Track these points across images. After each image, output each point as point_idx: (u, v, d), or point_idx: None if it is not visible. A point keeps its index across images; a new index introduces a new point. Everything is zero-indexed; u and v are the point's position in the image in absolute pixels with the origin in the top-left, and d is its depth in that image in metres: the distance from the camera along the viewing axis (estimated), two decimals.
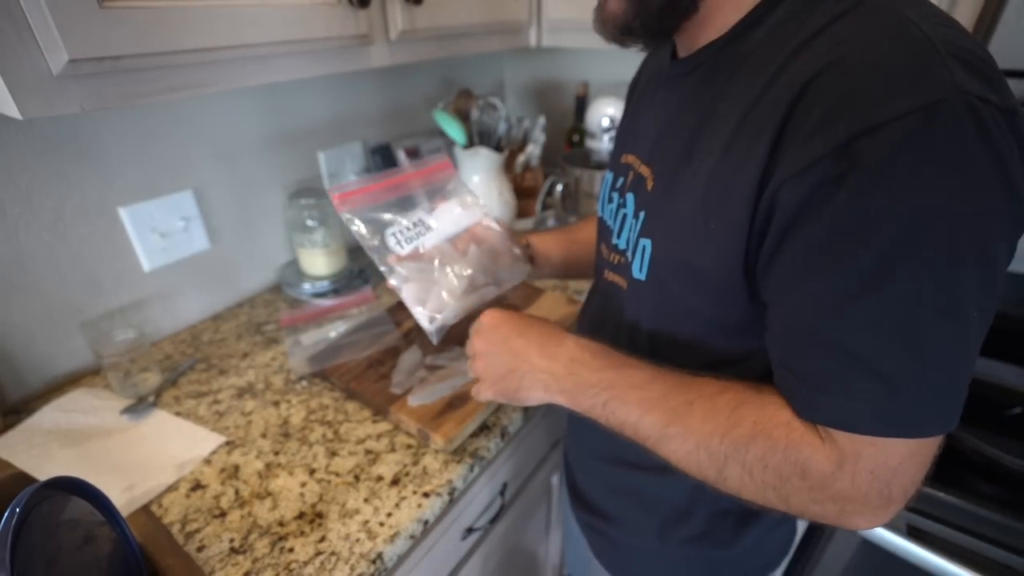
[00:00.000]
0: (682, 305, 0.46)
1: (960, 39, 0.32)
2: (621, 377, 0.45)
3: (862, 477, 0.35)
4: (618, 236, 0.52)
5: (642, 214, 0.48)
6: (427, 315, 0.55)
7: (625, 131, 0.59)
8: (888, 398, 0.34)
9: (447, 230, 0.60)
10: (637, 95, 0.58)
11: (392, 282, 0.56)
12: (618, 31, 0.44)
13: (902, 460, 0.35)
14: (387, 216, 0.59)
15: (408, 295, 0.56)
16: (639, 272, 0.48)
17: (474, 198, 0.64)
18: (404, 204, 0.61)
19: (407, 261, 0.57)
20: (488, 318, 0.53)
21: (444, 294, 0.55)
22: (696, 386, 0.42)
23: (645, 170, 0.48)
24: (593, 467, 0.62)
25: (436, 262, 0.57)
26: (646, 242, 0.47)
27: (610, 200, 0.55)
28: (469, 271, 0.56)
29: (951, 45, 0.32)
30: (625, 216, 0.50)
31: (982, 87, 0.31)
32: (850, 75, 0.32)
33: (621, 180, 0.53)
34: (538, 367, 0.49)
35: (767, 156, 0.35)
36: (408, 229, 0.59)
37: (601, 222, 0.59)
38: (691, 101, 0.44)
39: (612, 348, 0.48)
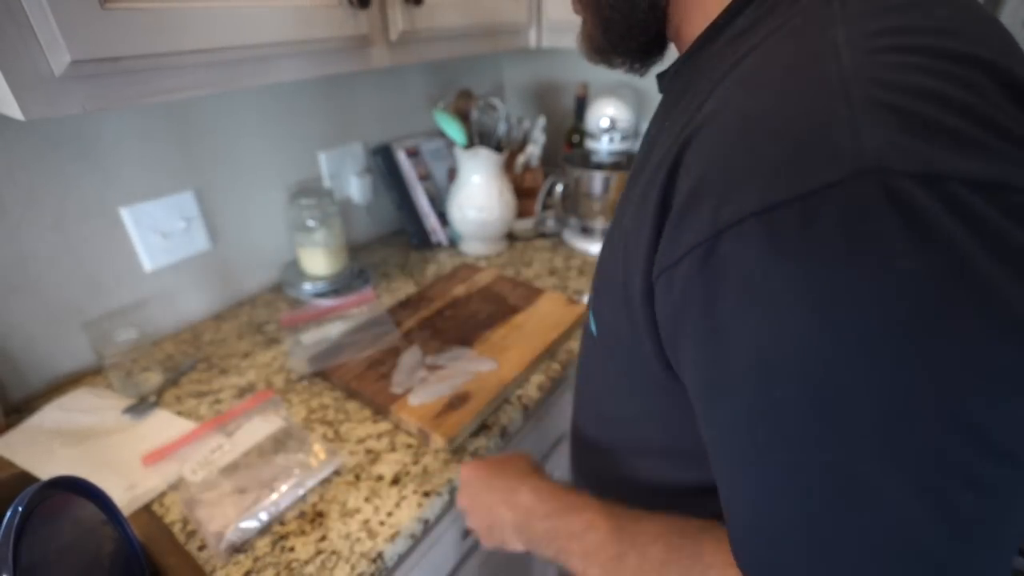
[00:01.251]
0: (619, 376, 0.41)
1: (918, 73, 0.21)
2: (563, 525, 0.43)
3: None
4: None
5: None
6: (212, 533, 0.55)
7: None
8: (765, 556, 0.28)
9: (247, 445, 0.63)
10: None
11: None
12: (594, 52, 0.42)
13: None
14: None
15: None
16: (592, 324, 0.42)
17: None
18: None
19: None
20: (464, 473, 0.55)
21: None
22: (631, 533, 0.38)
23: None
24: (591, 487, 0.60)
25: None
26: (592, 294, 0.42)
27: None
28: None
29: (888, 86, 0.21)
30: None
31: (931, 151, 0.20)
32: (726, 138, 0.24)
33: None
34: (506, 521, 0.49)
35: (653, 226, 0.29)
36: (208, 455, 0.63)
37: None
38: (654, 127, 0.40)
39: (564, 487, 0.46)
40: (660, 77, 0.42)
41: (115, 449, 0.66)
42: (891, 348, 0.21)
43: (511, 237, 1.22)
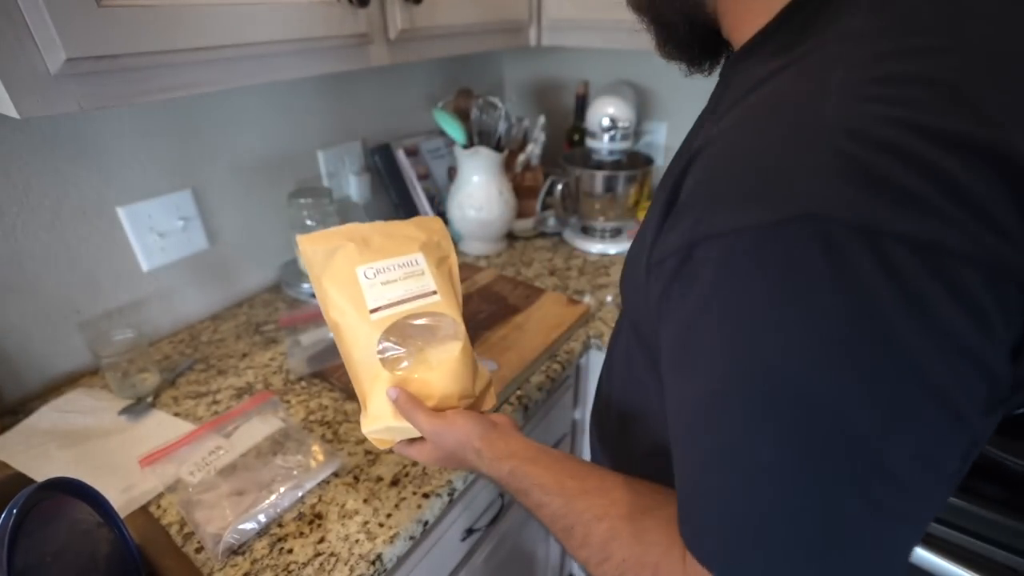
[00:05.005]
0: (637, 354, 0.44)
1: (892, 126, 0.22)
2: (521, 500, 0.46)
3: None
4: None
5: None
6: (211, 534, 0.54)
7: None
8: (740, 550, 0.30)
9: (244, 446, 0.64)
10: None
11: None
12: (661, 53, 0.42)
13: None
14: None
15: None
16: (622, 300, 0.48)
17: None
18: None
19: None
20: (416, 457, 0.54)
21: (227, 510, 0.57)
22: (578, 511, 0.42)
23: None
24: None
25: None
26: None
27: None
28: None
29: (858, 137, 0.23)
30: None
31: (874, 206, 0.22)
32: (718, 161, 0.28)
33: None
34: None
35: (658, 222, 0.32)
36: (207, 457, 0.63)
37: None
38: (697, 121, 0.42)
39: (508, 461, 0.47)
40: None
41: (112, 451, 0.66)
42: (796, 371, 0.25)
43: (511, 237, 1.22)
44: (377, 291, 0.50)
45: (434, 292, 0.53)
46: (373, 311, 0.50)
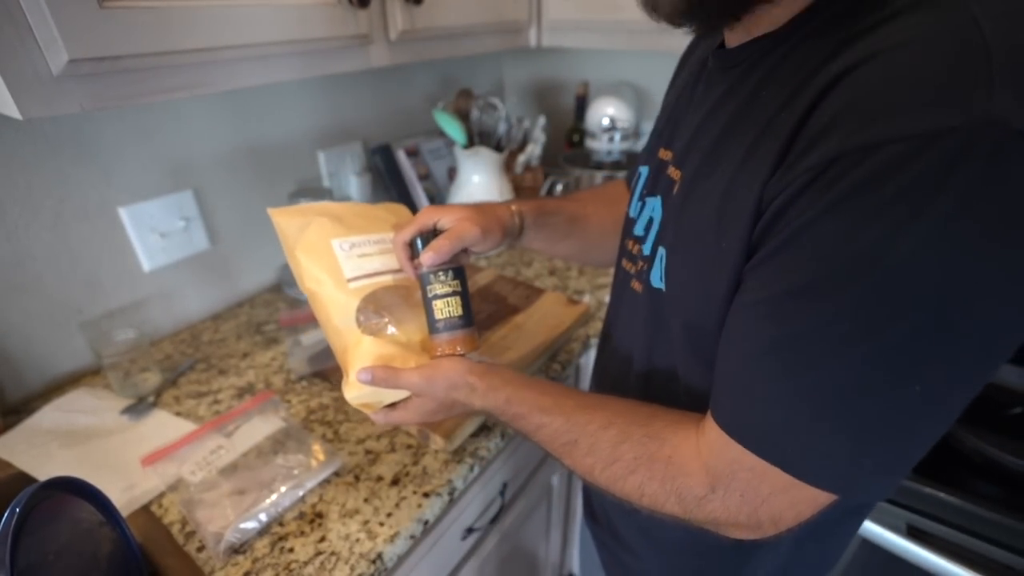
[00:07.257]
0: (698, 325, 0.42)
1: None
2: (520, 427, 0.48)
3: (732, 500, 0.36)
4: (644, 241, 0.49)
5: (661, 220, 0.46)
6: (213, 533, 0.55)
7: (664, 119, 0.54)
8: (777, 427, 0.33)
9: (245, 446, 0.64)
10: (684, 77, 0.53)
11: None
12: (676, 13, 0.36)
13: (773, 491, 0.34)
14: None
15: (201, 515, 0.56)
16: (658, 281, 0.45)
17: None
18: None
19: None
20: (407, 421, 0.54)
21: (228, 509, 0.57)
22: (583, 423, 0.44)
23: (675, 173, 0.45)
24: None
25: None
26: (663, 250, 0.44)
27: (640, 199, 0.51)
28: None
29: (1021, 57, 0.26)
30: (652, 220, 0.47)
31: None
32: (868, 82, 0.28)
33: (652, 179, 0.50)
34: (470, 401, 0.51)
35: (772, 168, 0.32)
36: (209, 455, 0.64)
37: (627, 220, 0.55)
38: (728, 98, 0.40)
39: (503, 389, 0.48)
40: (721, 50, 0.42)
41: (113, 450, 0.66)
42: (944, 269, 0.27)
43: None
44: (354, 263, 0.52)
45: None
46: (351, 280, 0.51)
